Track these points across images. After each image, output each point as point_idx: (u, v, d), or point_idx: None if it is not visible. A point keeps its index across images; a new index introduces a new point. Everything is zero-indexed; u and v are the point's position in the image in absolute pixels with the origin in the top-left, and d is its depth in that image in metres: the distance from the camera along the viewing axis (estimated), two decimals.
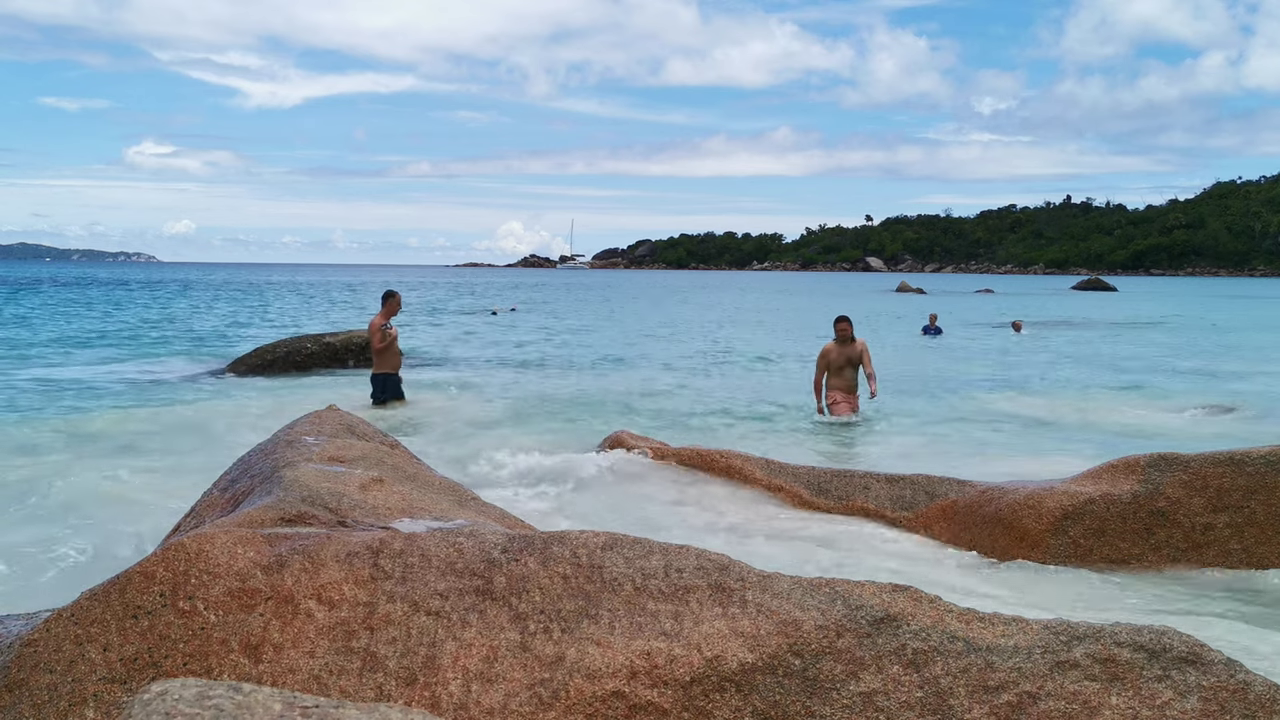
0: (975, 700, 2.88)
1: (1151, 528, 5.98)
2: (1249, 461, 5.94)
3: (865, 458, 10.50)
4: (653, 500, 7.67)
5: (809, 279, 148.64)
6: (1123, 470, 6.28)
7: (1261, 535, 5.84)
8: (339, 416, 5.95)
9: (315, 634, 3.11)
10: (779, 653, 2.97)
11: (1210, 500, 5.93)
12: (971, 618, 3.08)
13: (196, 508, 5.05)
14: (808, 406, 13.45)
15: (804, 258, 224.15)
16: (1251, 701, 2.85)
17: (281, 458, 4.85)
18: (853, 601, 3.08)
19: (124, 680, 3.06)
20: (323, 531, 3.57)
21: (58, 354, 22.66)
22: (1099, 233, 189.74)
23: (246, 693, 1.99)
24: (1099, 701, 2.86)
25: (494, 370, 20.30)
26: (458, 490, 5.20)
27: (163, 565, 3.22)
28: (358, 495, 4.23)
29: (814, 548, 6.56)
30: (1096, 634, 2.99)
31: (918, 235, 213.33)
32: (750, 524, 7.05)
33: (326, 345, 19.17)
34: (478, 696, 2.95)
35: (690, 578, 3.19)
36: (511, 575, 3.23)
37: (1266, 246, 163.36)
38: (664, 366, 21.17)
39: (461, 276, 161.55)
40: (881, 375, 13.94)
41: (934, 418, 13.49)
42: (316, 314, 44.07)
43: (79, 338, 27.51)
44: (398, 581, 3.23)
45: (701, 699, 2.92)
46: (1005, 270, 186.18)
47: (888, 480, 7.25)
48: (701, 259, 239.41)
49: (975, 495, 6.71)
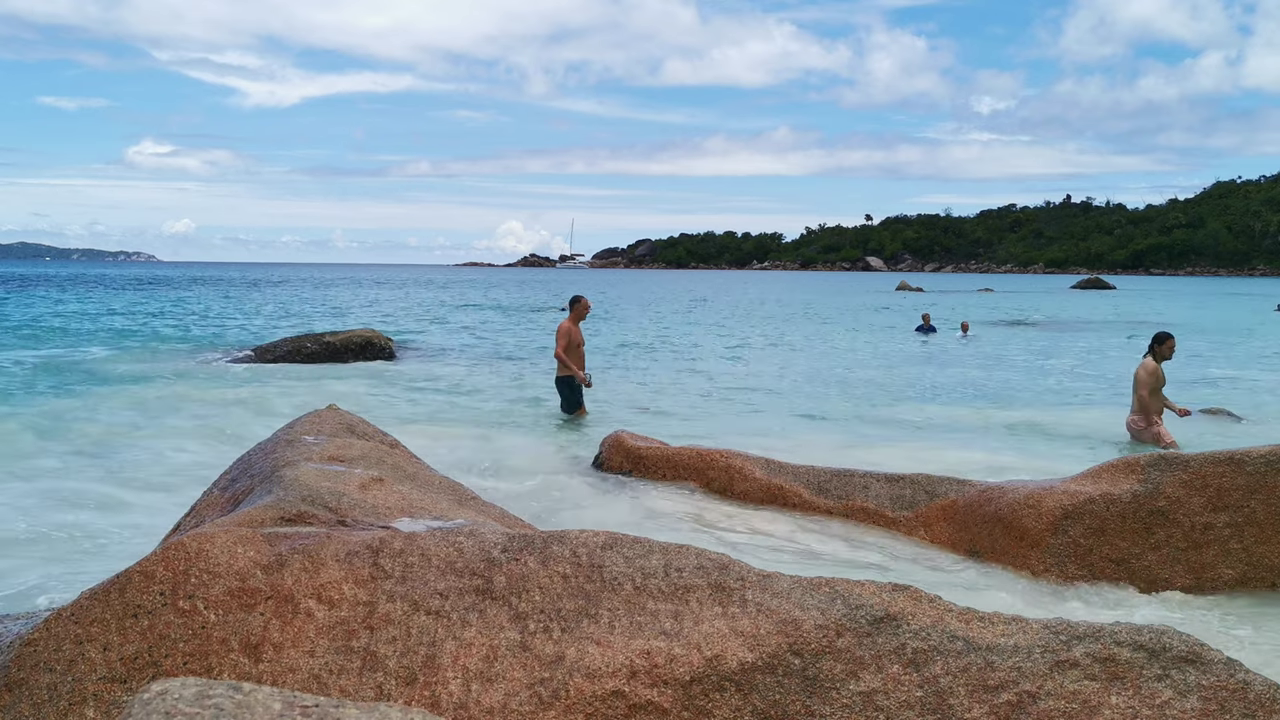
0: (975, 700, 2.88)
1: (1151, 527, 5.97)
2: (1249, 461, 5.94)
3: (864, 458, 10.50)
4: (653, 499, 7.67)
5: (810, 279, 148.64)
6: (1122, 470, 6.28)
7: (1261, 535, 5.84)
8: (339, 416, 5.95)
9: (315, 633, 3.11)
10: (779, 652, 2.97)
11: (1210, 500, 5.93)
12: (971, 617, 3.08)
13: (196, 507, 5.05)
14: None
15: (804, 257, 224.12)
16: (1251, 701, 2.85)
17: (281, 457, 4.85)
18: (852, 601, 3.08)
19: (124, 680, 3.06)
20: (323, 531, 3.57)
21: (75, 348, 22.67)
22: (1099, 232, 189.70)
23: (246, 692, 1.99)
24: (1099, 701, 2.86)
25: (501, 366, 20.31)
26: (458, 489, 5.20)
27: (163, 565, 3.22)
28: (358, 494, 4.23)
29: (813, 547, 6.56)
30: (1096, 633, 2.99)
31: (917, 235, 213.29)
32: (750, 523, 7.05)
33: (326, 344, 19.18)
34: (478, 696, 2.94)
35: (690, 577, 3.19)
36: (511, 575, 3.23)
37: (1266, 246, 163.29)
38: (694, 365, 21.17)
39: (462, 276, 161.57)
40: (879, 375, 13.92)
41: (927, 419, 13.50)
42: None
43: (105, 332, 27.54)
44: (398, 581, 3.23)
45: (701, 698, 2.92)
46: (1005, 270, 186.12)
47: (888, 480, 7.25)
48: (701, 259, 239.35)
49: (975, 495, 6.71)
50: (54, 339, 26.78)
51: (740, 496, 7.54)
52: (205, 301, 51.46)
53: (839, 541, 6.68)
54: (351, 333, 19.98)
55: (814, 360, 23.05)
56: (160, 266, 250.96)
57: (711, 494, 7.68)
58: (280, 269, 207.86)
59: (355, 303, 53.83)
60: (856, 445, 11.16)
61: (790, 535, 6.80)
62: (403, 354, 21.39)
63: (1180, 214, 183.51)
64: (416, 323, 36.67)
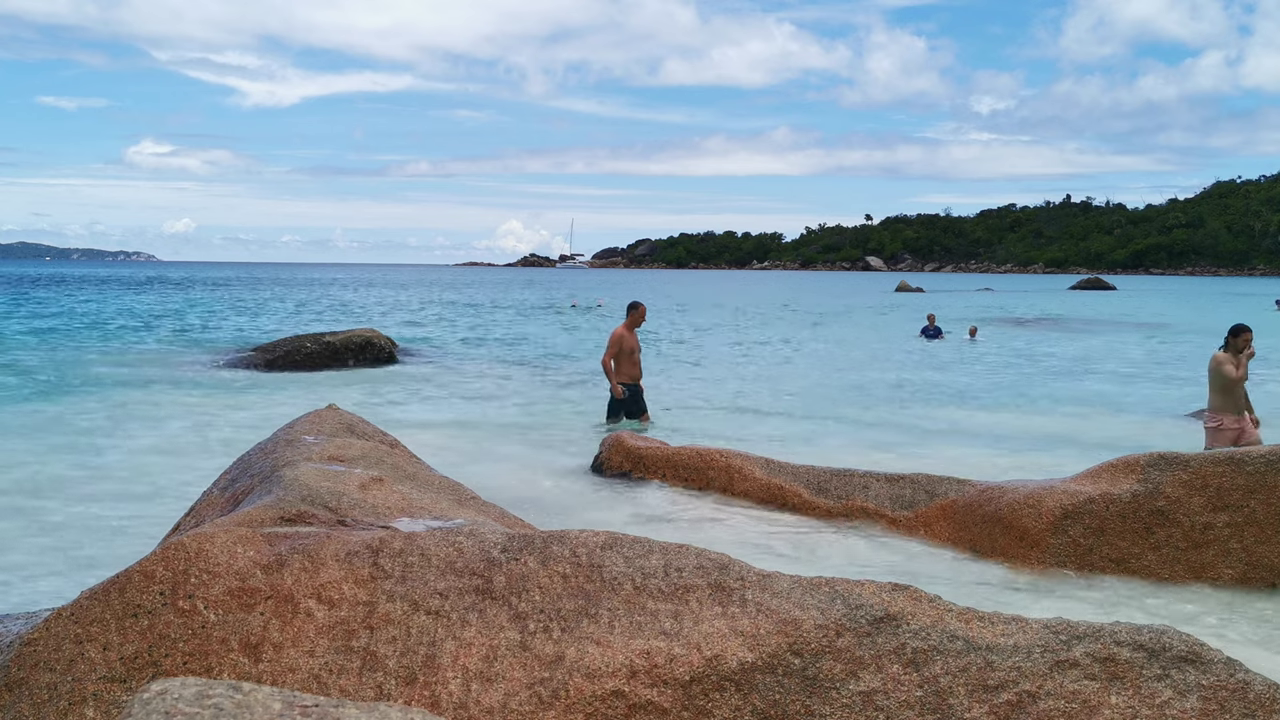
0: (975, 699, 2.88)
1: (1151, 527, 5.97)
2: (1249, 461, 5.94)
3: (866, 458, 10.50)
4: (653, 499, 7.67)
5: (810, 279, 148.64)
6: (1122, 469, 6.28)
7: (1261, 535, 5.84)
8: (338, 415, 5.95)
9: (315, 633, 3.11)
10: (779, 652, 2.97)
11: (1210, 499, 5.93)
12: (971, 617, 3.08)
13: (196, 507, 5.05)
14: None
15: (804, 257, 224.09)
16: (1251, 700, 2.85)
17: (281, 457, 4.84)
18: (852, 601, 3.08)
19: (124, 679, 3.06)
20: (322, 531, 3.57)
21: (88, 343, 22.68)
22: (1099, 232, 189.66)
23: (246, 692, 1.99)
24: (1099, 701, 2.86)
25: (502, 366, 20.31)
26: (458, 489, 5.19)
27: (162, 564, 3.22)
28: (357, 494, 4.23)
29: (813, 547, 6.56)
30: (1096, 633, 2.99)
31: (917, 234, 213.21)
32: (750, 523, 7.05)
33: (327, 345, 19.18)
34: (477, 695, 2.94)
35: (690, 577, 3.19)
36: (511, 574, 3.23)
37: (1266, 246, 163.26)
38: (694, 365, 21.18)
39: (463, 276, 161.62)
40: (878, 377, 13.89)
41: (929, 423, 13.50)
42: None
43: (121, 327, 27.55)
44: (397, 581, 3.23)
45: (701, 698, 2.92)
46: (1005, 269, 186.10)
47: (887, 480, 7.25)
48: (701, 258, 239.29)
49: (975, 494, 6.71)
50: (55, 339, 26.77)
51: (740, 496, 7.54)
52: (205, 301, 51.45)
53: (839, 541, 6.68)
54: (351, 333, 19.97)
55: (818, 361, 23.06)
56: (160, 266, 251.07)
57: (711, 494, 7.68)
58: (280, 269, 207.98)
59: (356, 302, 53.84)
60: (858, 446, 11.16)
61: (790, 535, 6.80)
62: (403, 354, 21.38)
63: (1180, 214, 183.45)
64: (417, 323, 36.67)
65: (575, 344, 27.40)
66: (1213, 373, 9.99)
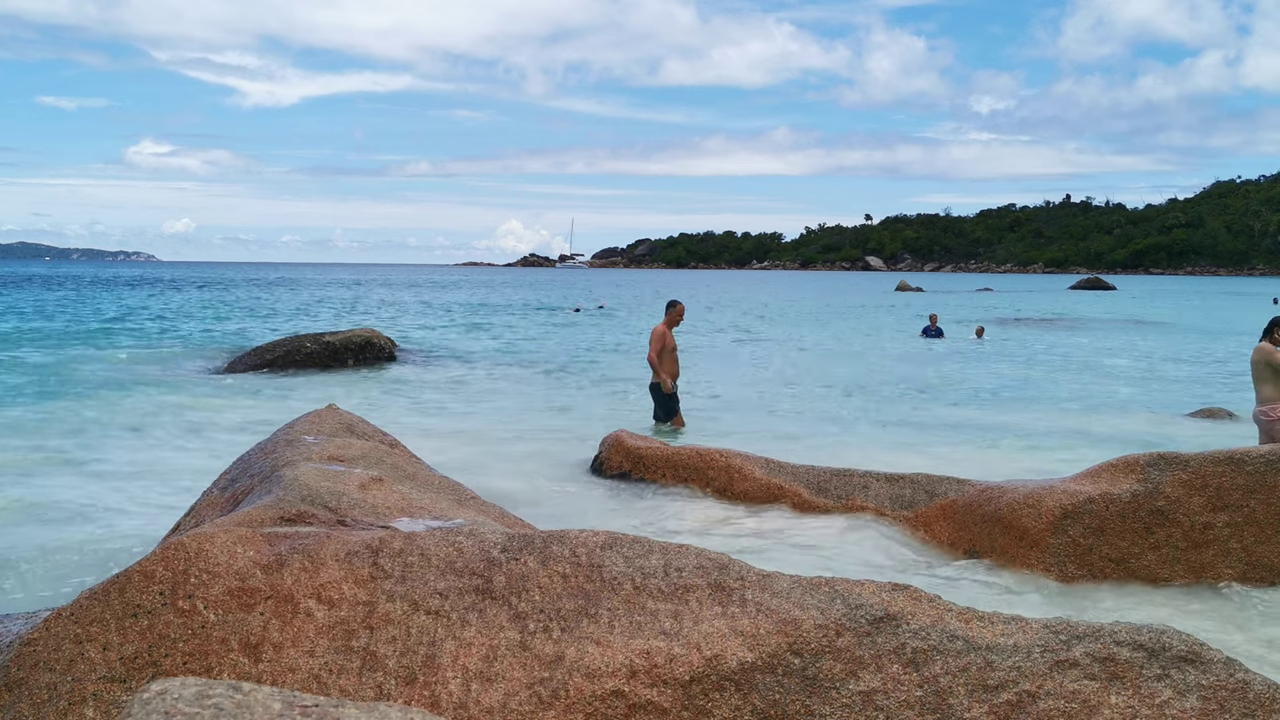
0: (975, 699, 2.88)
1: (1151, 527, 5.97)
2: (1249, 461, 5.94)
3: (867, 458, 10.50)
4: (653, 499, 7.68)
5: (810, 278, 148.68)
6: (1122, 469, 6.28)
7: (1261, 534, 5.85)
8: (338, 416, 5.95)
9: (315, 633, 3.11)
10: (778, 652, 2.97)
11: (1210, 499, 5.93)
12: (971, 616, 3.08)
13: (196, 507, 5.06)
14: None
15: (803, 257, 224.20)
16: (1251, 700, 2.85)
17: (281, 457, 4.85)
18: (852, 600, 3.08)
19: (123, 679, 3.06)
20: (322, 531, 3.57)
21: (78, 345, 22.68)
22: (1098, 232, 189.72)
23: (246, 692, 1.99)
24: (1098, 700, 2.86)
25: (503, 367, 20.31)
26: (458, 489, 5.20)
27: (162, 564, 3.22)
28: (357, 494, 4.23)
29: (813, 547, 6.56)
30: (1096, 633, 2.99)
31: (917, 234, 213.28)
32: (750, 523, 7.05)
33: (326, 345, 19.18)
34: (477, 695, 2.94)
35: (690, 577, 3.19)
36: (511, 574, 3.23)
37: (1266, 245, 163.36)
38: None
39: (463, 275, 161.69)
40: (878, 377, 13.88)
41: (928, 422, 13.50)
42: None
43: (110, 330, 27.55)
44: (397, 581, 3.23)
45: (701, 698, 2.92)
46: (1005, 269, 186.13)
47: (887, 479, 7.25)
48: (701, 258, 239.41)
49: (975, 494, 6.71)
50: (54, 339, 26.77)
51: (740, 496, 7.54)
52: (205, 301, 51.46)
53: (839, 541, 6.67)
54: (351, 333, 19.95)
55: (819, 360, 23.07)
56: (160, 266, 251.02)
57: (711, 494, 7.68)
58: (280, 269, 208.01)
59: (356, 302, 53.84)
60: (858, 445, 11.17)
61: (790, 535, 6.80)
62: (403, 354, 21.38)
63: (1180, 214, 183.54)
64: (417, 323, 36.67)
65: (575, 344, 27.41)
66: (1261, 365, 9.64)
